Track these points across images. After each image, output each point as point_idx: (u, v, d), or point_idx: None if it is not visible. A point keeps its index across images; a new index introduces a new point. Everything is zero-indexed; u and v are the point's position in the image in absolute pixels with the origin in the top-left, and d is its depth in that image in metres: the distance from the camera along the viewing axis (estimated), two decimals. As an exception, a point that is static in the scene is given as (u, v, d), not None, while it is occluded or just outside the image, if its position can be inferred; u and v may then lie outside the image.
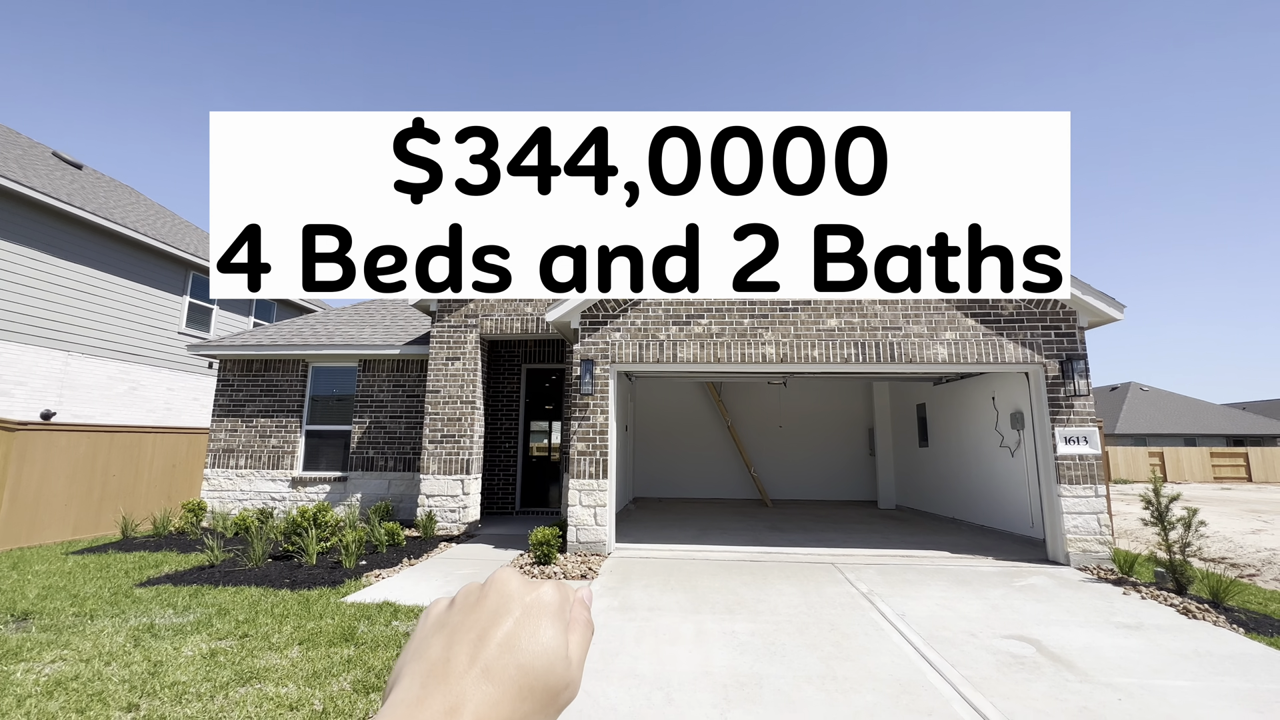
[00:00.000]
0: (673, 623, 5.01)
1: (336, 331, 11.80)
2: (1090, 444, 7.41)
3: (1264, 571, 7.86)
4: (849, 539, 9.05)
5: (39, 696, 3.60)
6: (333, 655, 4.26)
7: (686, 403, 15.29)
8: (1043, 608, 5.49)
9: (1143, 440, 35.88)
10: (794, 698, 3.63)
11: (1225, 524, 12.26)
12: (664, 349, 8.10)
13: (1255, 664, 4.23)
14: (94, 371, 13.21)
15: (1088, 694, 3.71)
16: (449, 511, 9.56)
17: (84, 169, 16.69)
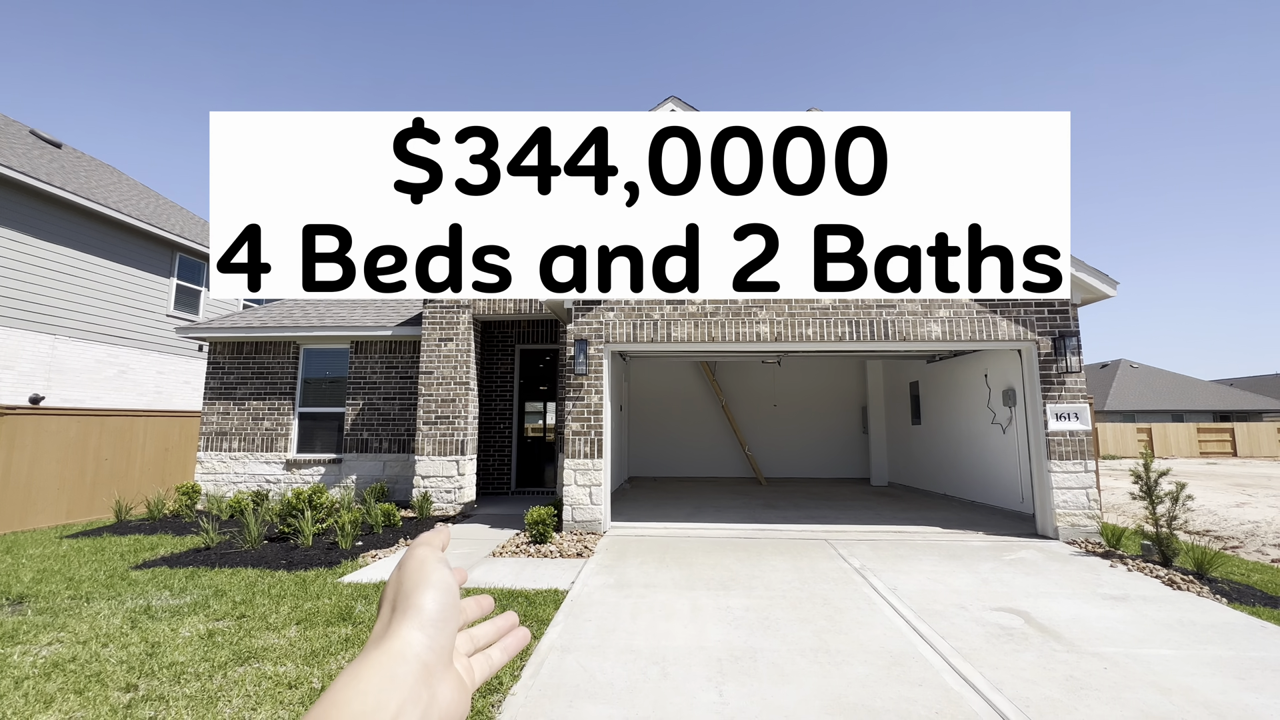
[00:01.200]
0: (668, 599, 5.09)
1: (328, 313, 11.72)
2: (1081, 420, 7.50)
3: (1247, 543, 8.04)
4: (842, 515, 9.18)
5: (37, 678, 3.62)
6: (330, 634, 4.31)
7: (681, 382, 15.35)
8: (1032, 581, 5.61)
9: (1131, 416, 36.34)
10: (787, 670, 3.71)
11: (1211, 498, 12.51)
12: (658, 328, 8.11)
13: (1237, 633, 4.35)
14: (82, 355, 13.09)
15: (1074, 663, 3.81)
16: (444, 492, 9.61)
17: (63, 148, 16.34)
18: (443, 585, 0.49)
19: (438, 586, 0.48)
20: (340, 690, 0.40)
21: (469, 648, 0.54)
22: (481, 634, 0.56)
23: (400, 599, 0.47)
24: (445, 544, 0.55)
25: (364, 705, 0.39)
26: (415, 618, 0.46)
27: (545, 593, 5.29)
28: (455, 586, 0.51)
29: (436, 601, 0.48)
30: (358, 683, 0.41)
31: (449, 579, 0.50)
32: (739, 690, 3.47)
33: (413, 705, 0.41)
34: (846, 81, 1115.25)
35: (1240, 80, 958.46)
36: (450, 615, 0.48)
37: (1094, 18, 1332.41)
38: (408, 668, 0.43)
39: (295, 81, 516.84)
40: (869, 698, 3.37)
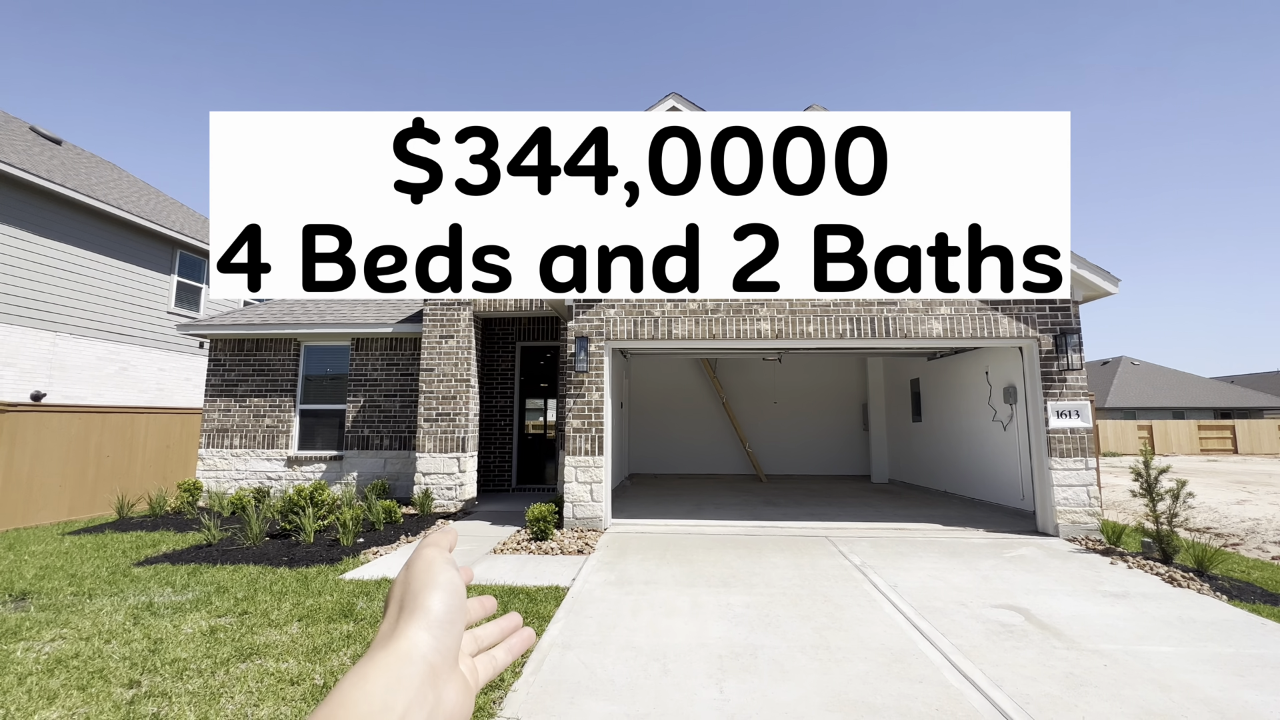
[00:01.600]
0: (669, 596, 5.10)
1: (328, 310, 11.72)
2: (1081, 417, 7.50)
3: (1247, 541, 8.04)
4: (842, 513, 9.19)
5: (40, 674, 3.63)
6: (332, 631, 4.33)
7: (682, 379, 15.35)
8: (1032, 578, 5.61)
9: (1132, 414, 36.30)
10: (788, 667, 3.72)
11: (1211, 495, 12.50)
12: (659, 325, 8.11)
13: (1237, 630, 4.36)
14: (83, 352, 13.10)
15: (1074, 660, 3.81)
16: (445, 489, 9.63)
17: (63, 144, 16.33)
18: (450, 586, 0.49)
19: (445, 588, 0.49)
20: (347, 690, 0.40)
21: (473, 648, 0.54)
22: (486, 634, 0.57)
23: (408, 599, 0.48)
24: (453, 545, 0.55)
25: (370, 706, 0.39)
26: (422, 619, 0.46)
27: (546, 590, 5.30)
28: (462, 588, 0.51)
29: (443, 603, 0.48)
30: (365, 683, 0.41)
31: (456, 580, 0.50)
32: (740, 687, 3.48)
33: (419, 706, 0.41)
34: (846, 79, 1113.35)
35: (1241, 77, 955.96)
36: (457, 617, 0.48)
37: (1095, 14, 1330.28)
38: (414, 669, 0.43)
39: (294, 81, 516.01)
40: (869, 694, 3.38)
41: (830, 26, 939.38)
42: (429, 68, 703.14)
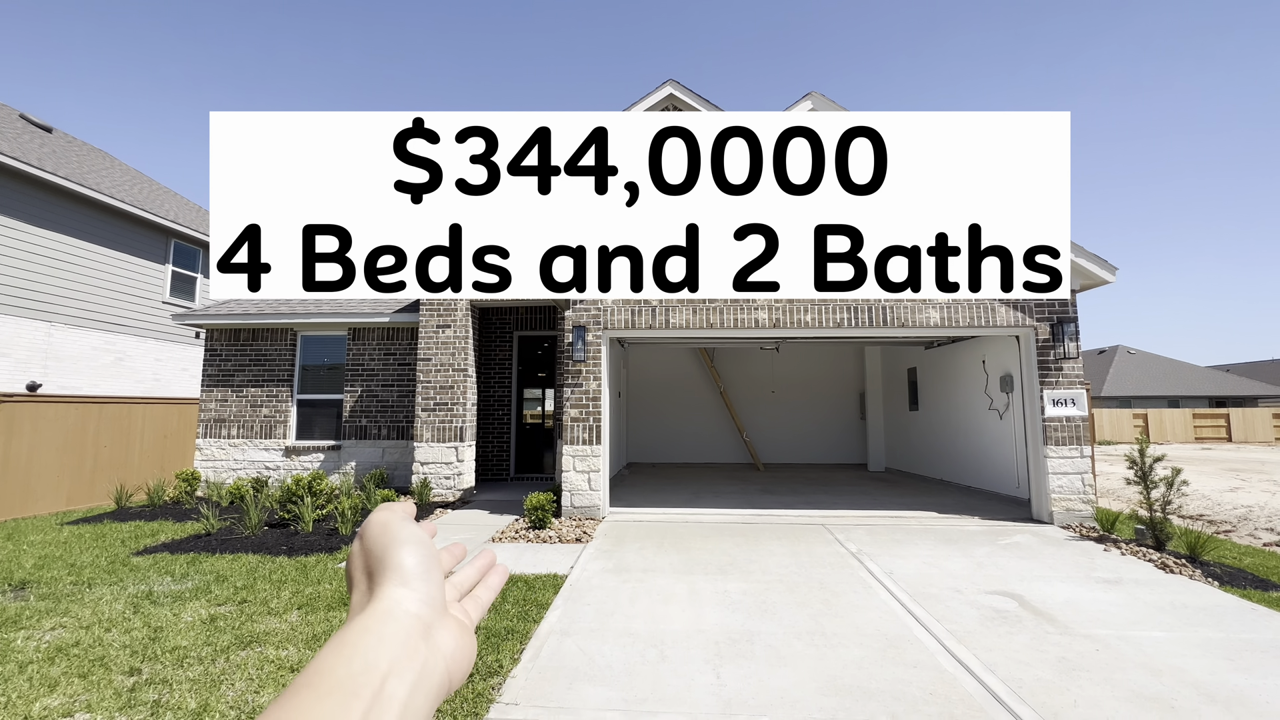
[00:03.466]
0: (666, 583, 5.14)
1: (325, 300, 11.68)
2: (1077, 406, 7.54)
3: (1240, 527, 8.13)
4: (839, 501, 9.25)
5: (41, 662, 3.66)
6: (332, 619, 4.36)
7: (679, 369, 15.36)
8: (1026, 564, 5.67)
9: (1128, 402, 36.48)
10: (784, 653, 3.76)
11: (1205, 483, 12.60)
12: (656, 314, 8.11)
13: (1228, 615, 4.42)
14: (78, 342, 13.05)
15: (1067, 645, 3.87)
16: (443, 479, 9.65)
17: (54, 132, 16.16)
18: (416, 539, 0.48)
19: (411, 541, 0.47)
20: (325, 658, 0.38)
21: (454, 595, 0.53)
22: (464, 579, 0.55)
23: (374, 565, 0.46)
24: (411, 514, 0.53)
25: (349, 669, 0.37)
26: (396, 576, 0.44)
27: (544, 577, 5.34)
28: (429, 539, 0.49)
29: (415, 555, 0.46)
30: (342, 648, 0.38)
31: (420, 533, 0.49)
32: (736, 672, 3.52)
33: (408, 660, 0.39)
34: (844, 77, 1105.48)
35: (1241, 74, 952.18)
36: (431, 566, 0.47)
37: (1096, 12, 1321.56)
38: (396, 625, 0.41)
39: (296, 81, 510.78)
40: (864, 679, 3.43)
41: (831, 26, 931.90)
42: (429, 67, 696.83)
